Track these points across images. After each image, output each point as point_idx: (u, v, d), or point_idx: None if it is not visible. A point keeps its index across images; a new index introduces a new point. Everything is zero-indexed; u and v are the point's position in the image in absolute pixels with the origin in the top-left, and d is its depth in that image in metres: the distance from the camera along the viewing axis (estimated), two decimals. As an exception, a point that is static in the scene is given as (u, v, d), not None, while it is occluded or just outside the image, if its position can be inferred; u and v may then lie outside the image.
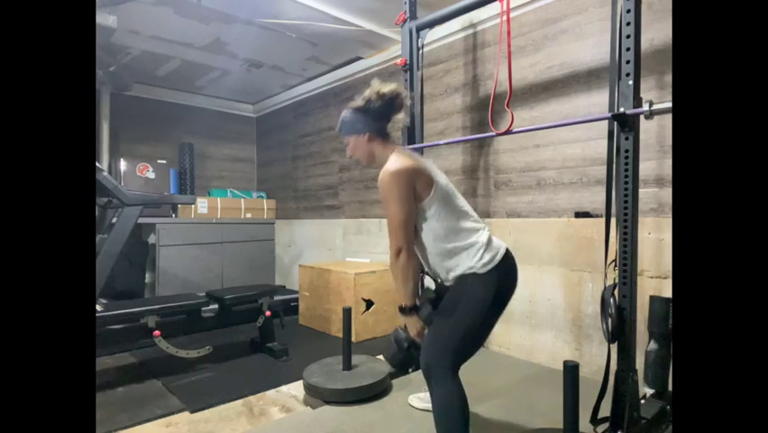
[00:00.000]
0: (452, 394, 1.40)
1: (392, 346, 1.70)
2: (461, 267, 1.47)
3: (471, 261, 1.46)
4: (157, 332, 2.42)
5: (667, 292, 2.13)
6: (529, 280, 2.73)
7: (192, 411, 2.08)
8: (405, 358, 1.67)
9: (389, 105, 1.57)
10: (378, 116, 1.58)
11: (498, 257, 1.48)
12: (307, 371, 2.33)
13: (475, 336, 1.47)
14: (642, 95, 1.63)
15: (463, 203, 1.57)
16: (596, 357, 2.43)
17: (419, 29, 2.53)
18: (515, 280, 1.55)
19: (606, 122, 1.81)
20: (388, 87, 1.54)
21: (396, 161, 1.46)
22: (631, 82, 1.60)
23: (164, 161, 4.40)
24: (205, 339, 3.03)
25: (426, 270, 1.60)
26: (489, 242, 1.51)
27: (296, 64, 4.06)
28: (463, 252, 1.47)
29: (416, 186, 1.45)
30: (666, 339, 1.92)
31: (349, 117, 1.61)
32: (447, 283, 1.53)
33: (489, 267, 1.45)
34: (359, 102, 1.59)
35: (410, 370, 1.58)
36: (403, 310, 1.54)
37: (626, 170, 1.62)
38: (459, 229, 1.49)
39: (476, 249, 1.47)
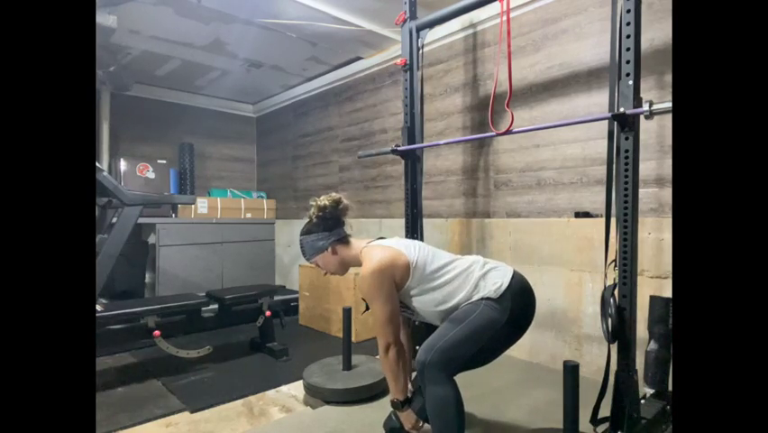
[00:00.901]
0: (448, 394, 1.40)
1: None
2: (476, 299, 1.51)
3: (481, 291, 1.49)
4: (157, 332, 2.42)
5: (667, 292, 2.13)
6: (529, 280, 2.71)
7: (192, 411, 2.08)
8: None
9: (334, 211, 1.66)
10: (330, 227, 1.65)
11: (507, 278, 1.52)
12: (307, 371, 2.33)
13: (479, 351, 1.46)
14: (642, 95, 1.63)
15: (443, 255, 1.61)
16: (596, 357, 2.42)
17: (419, 29, 2.52)
18: (531, 303, 1.58)
19: (606, 122, 1.81)
20: (326, 199, 1.65)
21: (371, 258, 1.52)
22: (631, 82, 1.59)
23: (164, 161, 4.40)
24: (205, 339, 3.03)
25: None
26: (489, 267, 1.55)
27: (296, 64, 4.06)
28: (472, 294, 1.50)
29: (395, 278, 1.51)
30: (666, 339, 1.92)
31: (307, 242, 1.68)
32: None
33: (501, 290, 1.48)
34: (307, 225, 1.67)
35: None
36: (395, 405, 1.59)
37: (626, 170, 1.62)
38: (453, 280, 1.53)
39: (477, 278, 1.51)
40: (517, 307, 1.50)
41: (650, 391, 1.91)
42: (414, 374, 1.63)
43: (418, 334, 2.00)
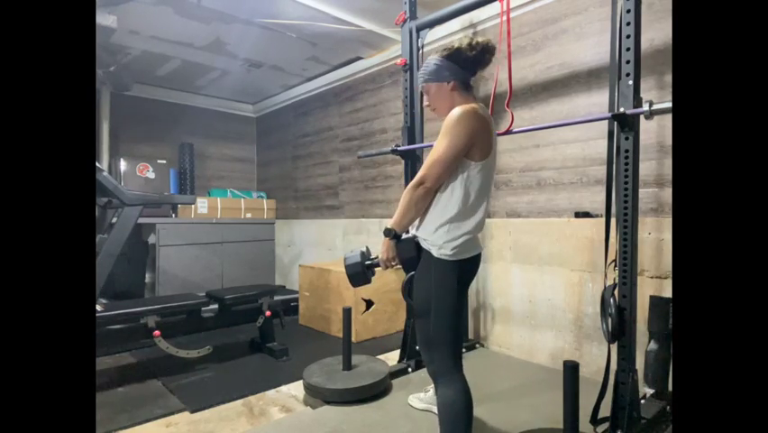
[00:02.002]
0: (459, 397, 1.40)
1: (354, 255, 1.62)
2: (435, 236, 1.41)
3: (446, 238, 1.40)
4: (157, 332, 2.42)
5: (667, 292, 2.13)
6: (529, 280, 2.73)
7: (192, 411, 2.08)
8: (362, 274, 1.61)
9: (480, 56, 1.48)
10: (465, 66, 1.49)
11: (470, 255, 1.44)
12: (307, 371, 2.33)
13: (455, 323, 1.44)
14: (642, 95, 1.63)
15: (484, 199, 1.49)
16: (596, 357, 2.42)
17: (419, 29, 2.53)
18: (476, 268, 1.51)
19: (606, 122, 1.81)
20: (482, 39, 1.47)
21: (476, 108, 1.40)
22: (631, 82, 1.60)
23: (164, 161, 4.40)
24: (205, 339, 3.03)
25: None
26: (472, 236, 1.45)
27: (296, 64, 4.06)
28: (452, 227, 1.41)
29: (476, 141, 1.38)
30: (666, 339, 1.92)
31: (435, 64, 1.50)
32: (412, 234, 1.48)
33: (458, 258, 1.40)
34: (449, 50, 1.49)
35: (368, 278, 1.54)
36: (388, 232, 1.46)
37: (626, 170, 1.62)
38: (470, 209, 1.42)
39: (461, 232, 1.41)
40: (465, 273, 1.45)
41: (650, 391, 1.92)
42: (415, 231, 1.54)
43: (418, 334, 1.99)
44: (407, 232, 1.50)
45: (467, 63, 1.49)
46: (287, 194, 5.01)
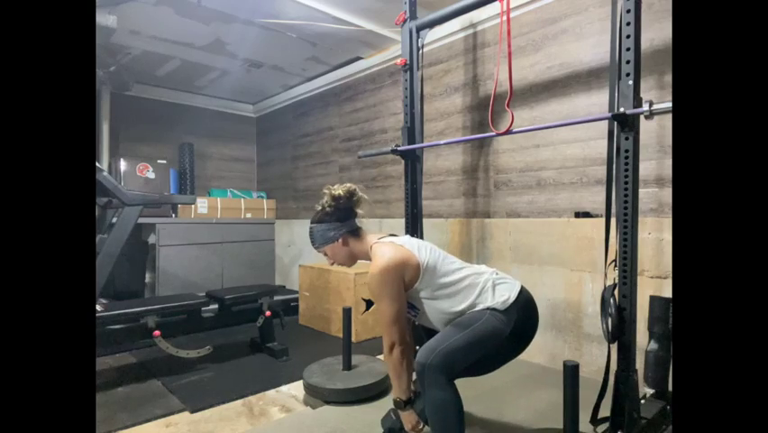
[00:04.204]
0: (448, 397, 1.39)
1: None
2: (480, 300, 1.51)
3: (488, 301, 1.49)
4: (157, 332, 2.42)
5: (667, 292, 2.13)
6: (529, 280, 2.73)
7: (192, 411, 2.08)
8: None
9: (348, 202, 1.64)
10: (343, 217, 1.64)
11: (515, 292, 1.51)
12: (307, 371, 2.33)
13: (480, 359, 1.46)
14: (642, 95, 1.63)
15: (453, 260, 1.61)
16: (596, 357, 2.43)
17: (419, 29, 2.52)
18: (535, 318, 1.58)
19: (606, 122, 1.81)
20: (340, 189, 1.62)
21: (381, 255, 1.50)
22: (631, 82, 1.59)
23: (164, 161, 4.40)
24: (205, 339, 3.04)
25: None
26: (499, 278, 1.54)
27: (296, 64, 4.06)
28: (478, 302, 1.50)
29: (404, 278, 1.49)
30: (666, 339, 1.92)
31: (317, 230, 1.66)
32: None
33: (509, 303, 1.48)
34: (319, 213, 1.65)
35: None
36: (398, 404, 1.57)
37: (626, 170, 1.62)
38: (461, 287, 1.52)
39: (485, 288, 1.50)
40: (521, 320, 1.50)
41: (650, 391, 1.92)
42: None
43: (417, 335, 1.99)
44: (413, 394, 1.60)
45: (342, 215, 1.63)
46: (287, 194, 5.01)
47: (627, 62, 1.61)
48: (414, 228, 2.55)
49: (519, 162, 2.82)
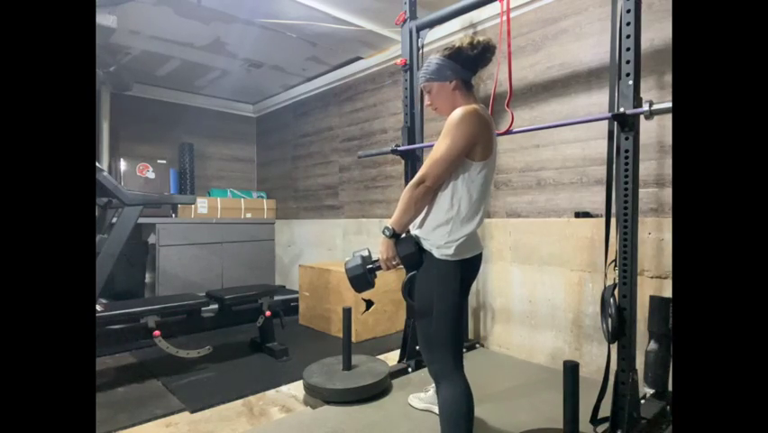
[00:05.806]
0: (461, 398, 1.39)
1: (354, 259, 1.60)
2: (437, 236, 1.41)
3: (448, 238, 1.39)
4: (157, 332, 2.42)
5: (667, 292, 2.14)
6: (529, 280, 2.73)
7: (192, 411, 2.08)
8: (364, 277, 1.58)
9: (481, 55, 1.49)
10: (467, 65, 1.49)
11: (471, 254, 1.44)
12: (307, 371, 2.33)
13: (457, 323, 1.44)
14: (642, 95, 1.63)
15: (483, 201, 1.49)
16: (596, 357, 2.43)
17: (419, 29, 2.53)
18: (478, 267, 1.52)
19: (606, 122, 1.81)
20: (482, 37, 1.48)
21: (477, 108, 1.41)
22: (631, 82, 1.60)
23: (164, 161, 4.40)
24: (205, 339, 3.03)
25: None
26: (473, 235, 1.45)
27: (296, 64, 4.06)
28: (454, 227, 1.41)
29: (478, 141, 1.38)
30: (666, 339, 1.92)
31: (437, 63, 1.50)
32: (414, 233, 1.47)
33: (459, 258, 1.40)
34: (450, 50, 1.49)
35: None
36: (387, 231, 1.44)
37: (626, 170, 1.62)
38: (471, 209, 1.42)
39: (463, 232, 1.41)
40: (467, 274, 1.45)
41: (650, 391, 1.92)
42: (416, 230, 1.52)
43: (417, 335, 1.99)
44: (408, 231, 1.49)
45: (468, 62, 1.49)
46: (287, 194, 5.01)
47: (627, 62, 1.61)
48: (414, 228, 2.55)
49: (519, 162, 2.82)
